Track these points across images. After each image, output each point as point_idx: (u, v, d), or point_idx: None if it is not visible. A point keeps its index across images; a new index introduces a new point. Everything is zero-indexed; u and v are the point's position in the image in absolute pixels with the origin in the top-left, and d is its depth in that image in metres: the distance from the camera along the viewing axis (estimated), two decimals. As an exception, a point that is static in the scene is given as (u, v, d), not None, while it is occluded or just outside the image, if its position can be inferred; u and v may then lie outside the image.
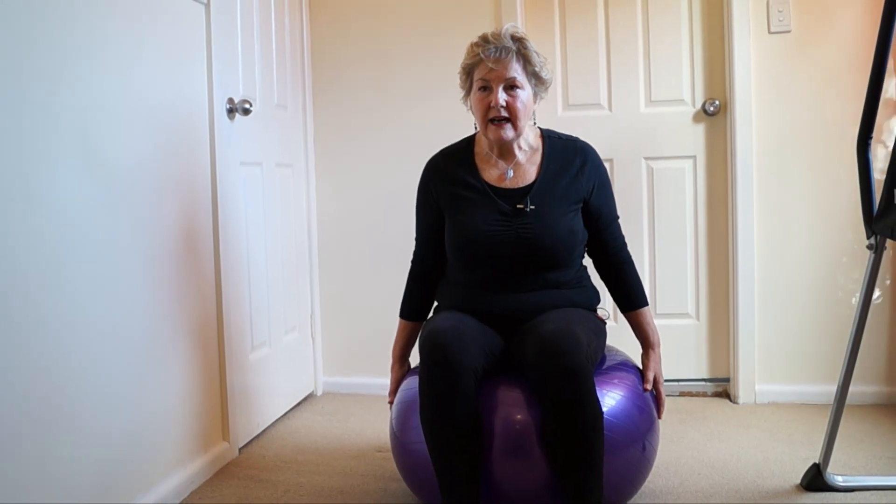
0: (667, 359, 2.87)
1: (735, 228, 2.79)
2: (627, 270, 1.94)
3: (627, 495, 1.84)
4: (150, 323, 1.95)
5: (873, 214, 1.89)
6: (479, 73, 1.80)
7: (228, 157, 2.37)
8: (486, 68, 1.78)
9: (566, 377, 1.56)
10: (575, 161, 1.88)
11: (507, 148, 1.87)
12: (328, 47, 3.05)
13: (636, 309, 1.94)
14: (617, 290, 1.96)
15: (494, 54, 1.77)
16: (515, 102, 1.78)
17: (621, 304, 1.96)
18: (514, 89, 1.78)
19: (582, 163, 1.88)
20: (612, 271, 1.95)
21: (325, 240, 3.10)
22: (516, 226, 1.81)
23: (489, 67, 1.77)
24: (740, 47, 2.73)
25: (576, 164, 1.88)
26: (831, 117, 2.71)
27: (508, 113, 1.78)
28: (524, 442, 1.67)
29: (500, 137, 1.81)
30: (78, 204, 1.68)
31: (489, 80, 1.78)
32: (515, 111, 1.78)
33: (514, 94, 1.78)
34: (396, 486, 2.11)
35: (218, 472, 2.24)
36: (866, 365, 2.68)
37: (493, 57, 1.77)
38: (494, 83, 1.78)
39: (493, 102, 1.78)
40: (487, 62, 1.77)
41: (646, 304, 1.95)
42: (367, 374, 3.06)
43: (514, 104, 1.78)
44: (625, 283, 1.94)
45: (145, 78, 1.95)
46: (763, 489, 2.02)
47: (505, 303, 1.83)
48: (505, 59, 1.77)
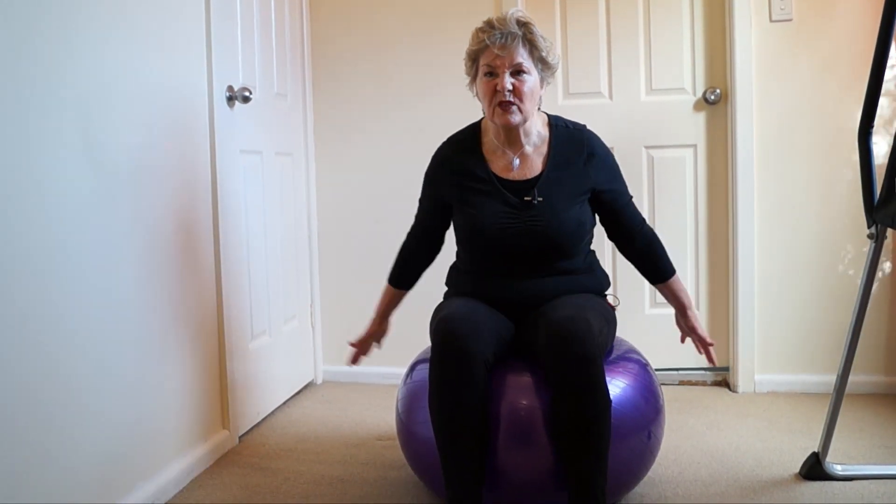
0: (666, 348, 2.89)
1: (735, 217, 2.79)
2: (654, 246, 1.93)
3: (631, 484, 1.85)
4: (150, 312, 1.95)
5: (874, 204, 1.89)
6: (485, 59, 1.78)
7: (228, 145, 2.36)
8: (491, 54, 1.76)
9: (577, 364, 1.57)
10: (582, 152, 1.86)
11: (515, 135, 1.85)
12: (328, 36, 3.04)
13: (667, 280, 1.93)
14: (645, 266, 1.94)
15: (500, 40, 1.74)
16: (522, 87, 1.76)
17: (651, 278, 1.95)
18: (521, 74, 1.77)
19: (589, 154, 1.87)
20: (638, 251, 1.93)
21: (325, 229, 3.10)
22: (524, 218, 1.81)
23: (495, 54, 1.75)
24: (741, 36, 2.72)
25: (582, 156, 1.86)
26: (832, 106, 2.70)
27: (515, 97, 1.76)
28: (530, 428, 1.68)
29: (507, 122, 1.79)
30: (77, 192, 1.68)
31: (495, 66, 1.76)
32: (522, 96, 1.77)
33: (521, 79, 1.77)
34: (396, 475, 2.11)
35: (218, 460, 2.25)
36: (866, 354, 2.68)
37: (499, 43, 1.74)
38: (501, 69, 1.76)
39: (499, 87, 1.76)
40: (493, 48, 1.75)
41: (674, 271, 1.94)
42: (367, 363, 3.05)
43: (521, 89, 1.76)
44: (655, 259, 1.93)
45: (145, 65, 1.94)
46: (762, 478, 2.03)
47: (515, 289, 1.84)
48: (511, 44, 1.75)
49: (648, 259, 1.94)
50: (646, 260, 1.94)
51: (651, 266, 1.94)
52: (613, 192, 1.90)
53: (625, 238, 1.94)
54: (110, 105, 1.80)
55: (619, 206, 1.91)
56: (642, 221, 1.95)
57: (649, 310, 2.93)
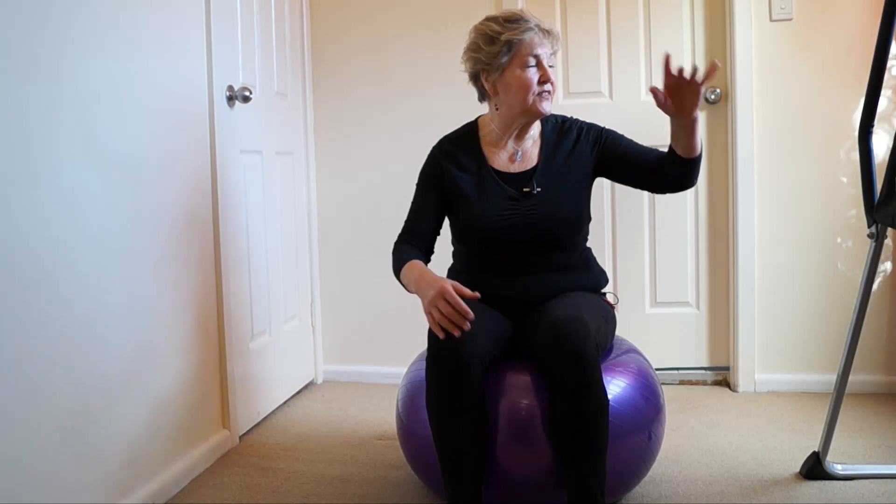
0: (666, 347, 2.90)
1: (735, 217, 2.79)
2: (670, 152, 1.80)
3: (631, 484, 1.85)
4: (151, 311, 1.95)
5: (874, 203, 1.89)
6: (529, 49, 1.79)
7: (228, 144, 2.36)
8: (536, 44, 1.80)
9: (574, 364, 1.57)
10: (570, 135, 1.92)
11: (527, 127, 1.90)
12: (328, 36, 3.04)
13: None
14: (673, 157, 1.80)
15: (541, 33, 1.80)
16: (554, 79, 1.84)
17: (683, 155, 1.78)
18: (552, 67, 1.84)
19: (578, 133, 1.93)
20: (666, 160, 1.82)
21: (325, 228, 3.10)
22: (524, 209, 1.84)
23: (542, 43, 1.81)
24: (742, 35, 2.72)
25: (571, 137, 1.92)
26: (832, 106, 2.70)
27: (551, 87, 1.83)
28: (530, 427, 1.68)
29: (545, 111, 1.83)
30: (78, 191, 1.68)
31: (540, 56, 1.80)
32: (554, 86, 1.84)
33: (553, 72, 1.84)
34: (397, 474, 2.11)
35: (218, 459, 2.25)
36: (866, 354, 2.68)
37: (541, 35, 1.80)
38: (544, 59, 1.81)
39: (543, 77, 1.80)
40: (538, 38, 1.80)
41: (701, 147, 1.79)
42: (367, 363, 3.07)
43: (554, 81, 1.83)
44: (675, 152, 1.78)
45: (145, 65, 1.93)
46: (763, 477, 2.03)
47: (513, 287, 1.85)
48: (548, 38, 1.82)
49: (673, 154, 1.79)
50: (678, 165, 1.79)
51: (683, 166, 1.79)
52: (621, 145, 1.91)
53: (654, 168, 1.84)
54: (110, 105, 1.80)
55: (635, 152, 1.90)
56: (654, 149, 1.88)
57: (649, 309, 2.93)
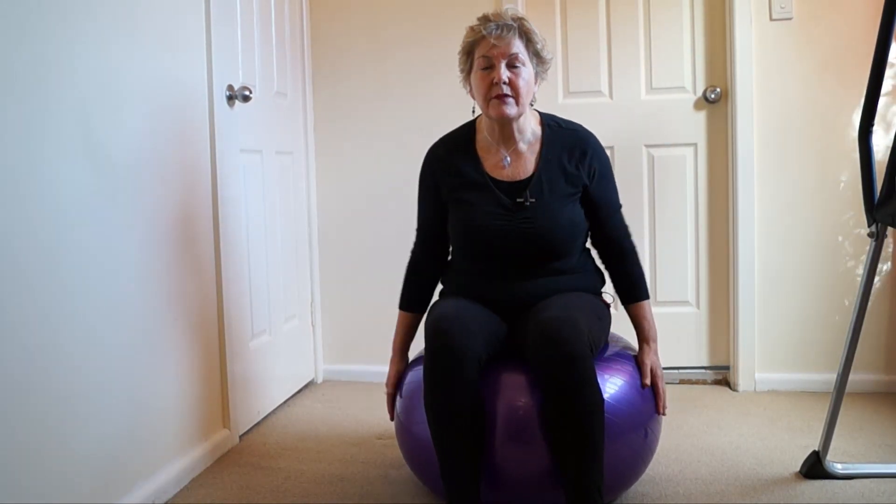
0: (667, 346, 2.88)
1: (735, 216, 2.79)
2: (629, 261, 1.91)
3: (629, 482, 1.85)
4: (150, 311, 1.95)
5: (874, 202, 1.89)
6: (481, 50, 1.76)
7: (228, 144, 2.36)
8: (488, 45, 1.74)
9: (565, 364, 1.56)
10: (574, 151, 1.85)
11: (509, 131, 1.83)
12: (328, 35, 3.04)
13: (636, 302, 1.91)
14: (618, 281, 1.93)
15: (496, 31, 1.73)
16: (518, 80, 1.75)
17: (622, 296, 1.93)
18: (517, 66, 1.75)
19: (581, 153, 1.85)
20: (614, 262, 1.93)
21: (325, 228, 3.10)
22: (517, 220, 1.80)
23: (492, 44, 1.74)
24: (742, 34, 2.72)
25: (575, 155, 1.84)
26: (832, 105, 2.70)
27: (511, 90, 1.74)
28: (526, 427, 1.68)
29: (502, 114, 1.76)
30: (76, 191, 1.68)
31: (491, 56, 1.74)
32: (518, 88, 1.75)
33: (517, 72, 1.75)
34: (397, 474, 2.11)
35: (218, 459, 2.25)
36: (866, 353, 2.68)
37: (496, 34, 1.73)
38: (497, 59, 1.74)
39: (496, 79, 1.73)
40: (490, 38, 1.73)
41: (646, 297, 1.92)
42: (367, 362, 3.07)
43: (517, 81, 1.75)
44: (627, 275, 1.91)
45: (145, 65, 1.93)
46: (763, 477, 2.03)
47: (509, 290, 1.83)
48: (507, 35, 1.74)
49: (620, 270, 1.92)
50: (618, 271, 1.92)
51: (622, 281, 1.92)
52: (602, 199, 1.88)
53: (604, 244, 1.93)
54: (110, 104, 1.80)
55: (605, 214, 1.89)
56: (626, 235, 1.93)
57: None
